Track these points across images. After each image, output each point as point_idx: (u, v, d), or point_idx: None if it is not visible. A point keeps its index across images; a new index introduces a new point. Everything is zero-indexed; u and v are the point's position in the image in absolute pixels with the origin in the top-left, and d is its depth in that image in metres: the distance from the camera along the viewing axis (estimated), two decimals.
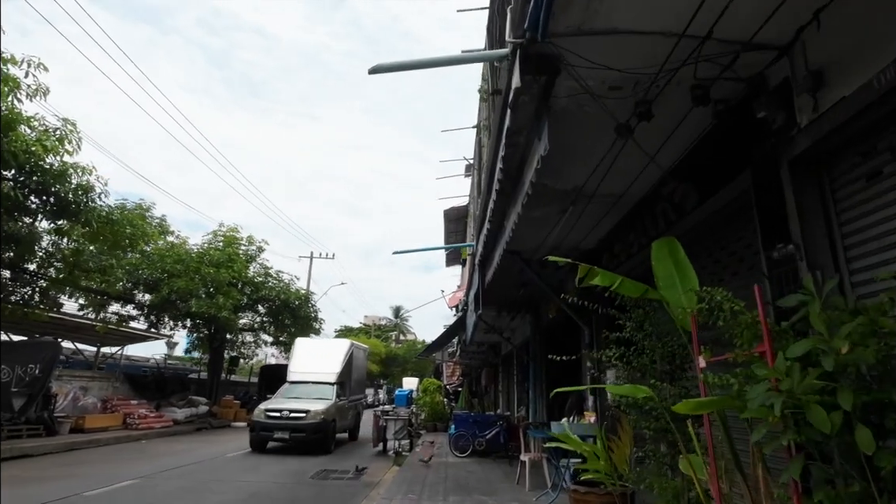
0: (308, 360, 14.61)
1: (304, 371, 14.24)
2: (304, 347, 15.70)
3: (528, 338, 11.22)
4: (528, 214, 5.27)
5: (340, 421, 13.47)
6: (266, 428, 12.04)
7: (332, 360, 14.50)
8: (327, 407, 12.46)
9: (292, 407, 12.24)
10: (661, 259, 2.83)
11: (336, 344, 16.60)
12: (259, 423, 12.17)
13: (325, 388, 13.40)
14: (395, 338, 70.39)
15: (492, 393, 21.25)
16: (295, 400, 12.76)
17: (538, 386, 10.13)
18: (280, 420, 12.08)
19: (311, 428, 11.83)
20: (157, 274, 16.77)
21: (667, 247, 2.85)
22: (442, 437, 14.58)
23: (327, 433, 12.16)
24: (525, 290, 8.76)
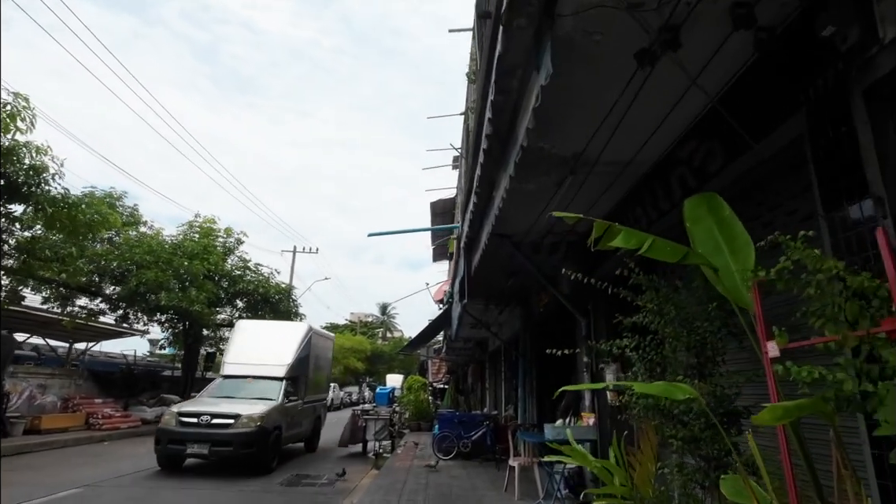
0: (250, 349, 11.32)
1: (243, 362, 10.99)
2: (246, 332, 12.23)
3: (517, 332, 10.56)
4: (520, 186, 4.59)
5: (291, 428, 10.50)
6: (177, 439, 8.70)
7: (283, 349, 11.33)
8: (268, 410, 9.32)
9: (215, 410, 9.09)
10: (699, 219, 2.15)
11: (289, 329, 12.91)
12: (167, 433, 8.80)
13: (271, 386, 10.36)
14: (382, 335, 69.67)
15: (478, 391, 20.61)
16: (224, 401, 9.76)
17: (528, 383, 9.47)
18: (197, 428, 8.79)
19: (240, 439, 8.69)
20: (126, 265, 15.81)
21: (705, 204, 2.17)
22: (426, 437, 13.89)
23: (266, 445, 9.02)
24: (515, 280, 8.09)
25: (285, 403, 10.22)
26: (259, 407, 9.36)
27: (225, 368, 11.20)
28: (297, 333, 12.25)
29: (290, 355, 11.24)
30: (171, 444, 8.69)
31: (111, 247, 16.80)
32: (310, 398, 12.14)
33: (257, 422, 8.97)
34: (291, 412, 10.61)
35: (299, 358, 11.53)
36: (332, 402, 32.80)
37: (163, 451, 8.74)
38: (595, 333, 5.85)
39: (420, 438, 13.78)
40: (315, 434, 12.55)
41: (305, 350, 11.96)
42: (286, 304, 21.65)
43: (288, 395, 10.47)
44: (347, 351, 51.24)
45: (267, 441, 9.09)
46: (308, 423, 11.95)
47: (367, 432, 11.50)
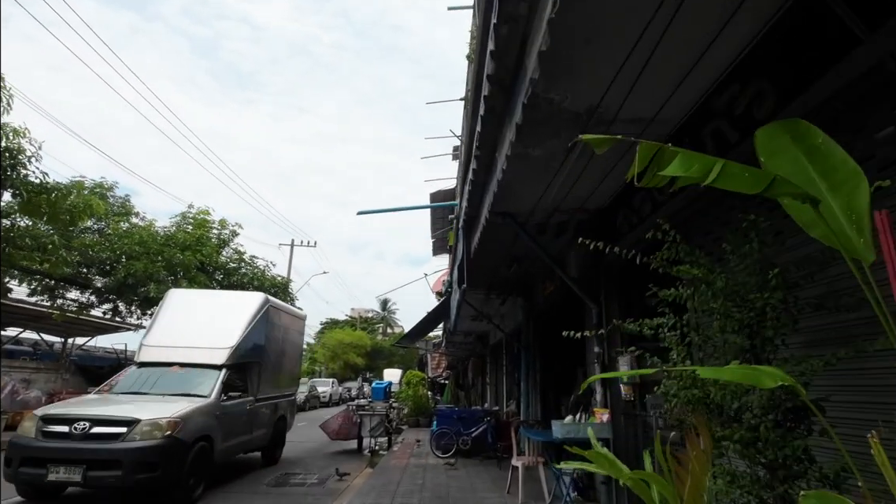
0: (181, 327, 8.41)
1: (167, 345, 8.04)
2: (177, 304, 9.01)
3: (519, 324, 10.02)
4: (525, 151, 4.03)
5: (232, 437, 7.58)
6: (34, 458, 5.81)
7: (226, 328, 8.32)
8: (188, 412, 6.45)
9: (100, 413, 6.19)
10: (779, 152, 1.58)
11: (237, 301, 9.43)
12: (21, 449, 5.92)
13: (203, 377, 7.54)
14: (382, 330, 69.36)
15: (478, 386, 20.11)
16: (128, 399, 6.98)
17: (531, 377, 8.94)
18: (67, 442, 5.88)
19: (135, 457, 5.76)
20: (114, 256, 15.28)
21: (786, 132, 1.60)
22: (425, 434, 13.38)
23: (179, 466, 6.07)
24: (518, 267, 7.54)
25: (222, 401, 7.34)
26: (175, 407, 6.44)
27: (141, 353, 8.08)
28: (246, 307, 8.96)
29: (234, 336, 8.21)
30: (26, 467, 5.78)
31: (100, 237, 16.30)
32: (268, 394, 9.17)
33: (166, 430, 6.02)
34: (233, 414, 7.65)
35: (249, 339, 8.53)
36: (330, 397, 32.44)
37: (16, 476, 5.84)
38: (606, 321, 5.30)
39: (419, 435, 13.27)
40: (277, 442, 9.63)
41: (260, 329, 8.96)
42: (282, 297, 21.09)
43: (228, 390, 7.63)
44: (347, 346, 50.93)
45: (182, 459, 6.10)
46: (264, 428, 8.96)
47: (362, 428, 10.99)
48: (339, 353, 50.12)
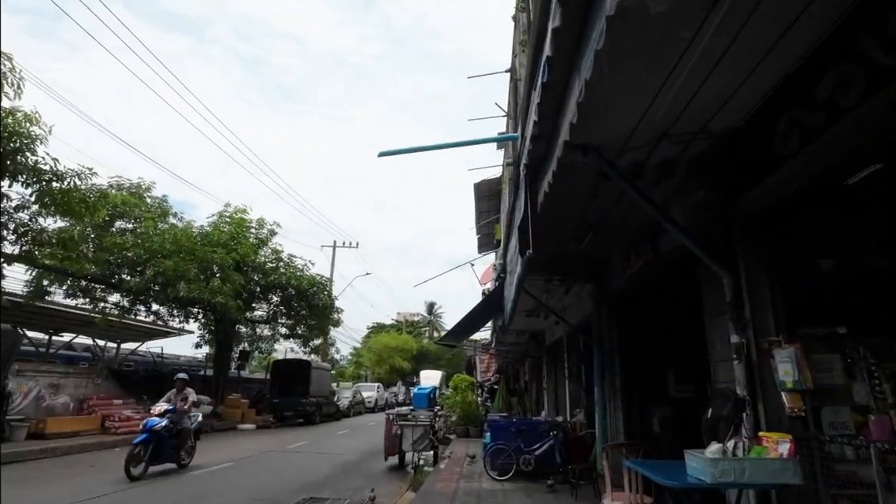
0: None
1: None
2: None
3: (587, 316, 8.26)
4: (623, 41, 2.42)
5: None
6: None
7: None
8: None
9: None
10: None
11: None
12: None
13: None
14: (429, 334, 68.50)
15: (533, 392, 18.28)
16: None
17: (608, 381, 7.17)
18: None
19: None
20: (143, 254, 14.56)
21: None
22: (476, 446, 11.76)
23: None
24: (593, 237, 5.82)
25: None
26: None
27: None
28: None
29: None
30: None
31: (133, 236, 15.71)
32: None
33: None
34: None
35: None
36: (375, 403, 31.31)
37: None
38: (751, 297, 3.54)
39: (469, 447, 11.67)
40: None
41: None
42: (321, 296, 20.07)
43: None
44: (393, 350, 50.01)
45: None
46: None
47: (403, 441, 9.50)
48: (384, 357, 49.29)
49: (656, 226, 5.18)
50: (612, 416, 7.06)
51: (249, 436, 15.30)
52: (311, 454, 11.33)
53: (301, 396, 19.79)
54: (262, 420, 18.41)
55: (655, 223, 5.20)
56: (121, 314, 17.23)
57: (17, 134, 9.20)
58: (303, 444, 13.28)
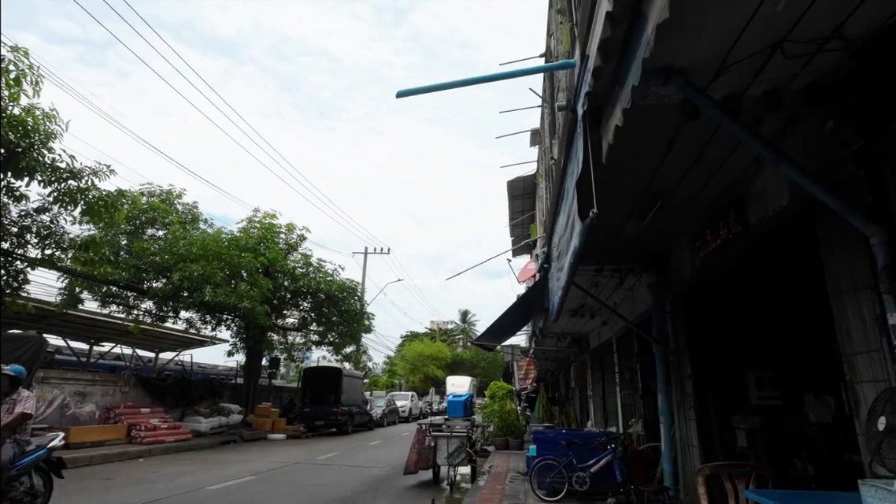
0: None
1: None
2: None
3: (645, 311, 7.23)
4: None
5: None
6: None
7: None
8: None
9: None
10: None
11: None
12: None
13: None
14: (463, 342, 67.67)
15: (575, 400, 17.07)
16: None
17: (677, 386, 6.11)
18: None
19: None
20: (170, 259, 14.24)
21: None
22: (516, 460, 10.76)
23: None
24: (660, 211, 4.82)
25: None
26: None
27: None
28: None
29: None
30: None
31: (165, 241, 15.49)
32: None
33: None
34: None
35: None
36: (409, 412, 30.48)
37: None
38: None
39: (510, 460, 10.67)
40: None
41: None
42: (352, 302, 19.47)
43: None
44: (427, 358, 49.25)
45: None
46: None
47: (437, 454, 8.61)
48: (418, 366, 48.59)
49: (745, 191, 4.19)
50: (682, 427, 5.99)
51: (278, 446, 14.71)
52: (339, 467, 10.57)
53: (332, 405, 19.17)
54: (293, 430, 17.83)
55: (743, 188, 4.21)
56: (154, 322, 17.07)
57: (35, 130, 8.90)
58: (332, 455, 12.55)
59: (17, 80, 8.90)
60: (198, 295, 13.87)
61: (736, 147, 3.72)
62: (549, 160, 14.37)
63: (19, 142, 8.87)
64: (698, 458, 5.57)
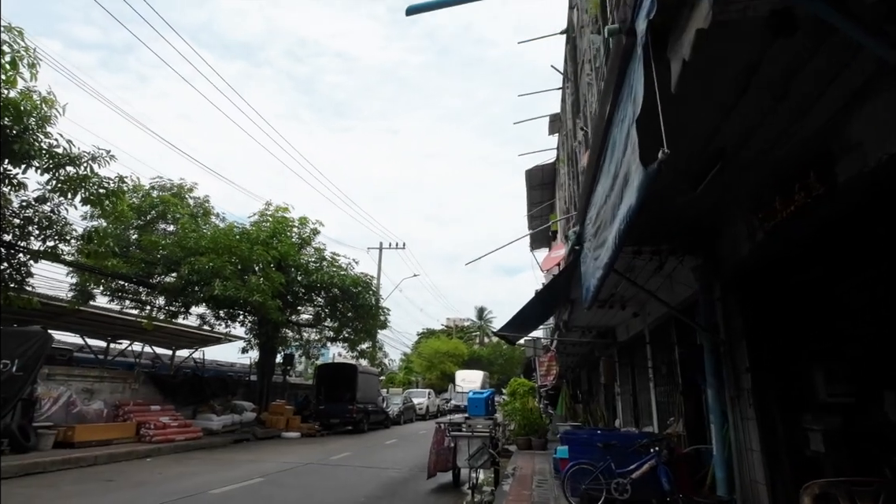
0: None
1: None
2: None
3: (689, 298, 6.49)
4: None
5: None
6: None
7: None
8: None
9: None
10: None
11: None
12: None
13: None
14: (479, 339, 67.07)
15: (600, 396, 16.29)
16: None
17: (731, 381, 5.36)
18: None
19: None
20: (179, 252, 13.82)
21: None
22: (540, 461, 10.08)
23: None
24: (717, 174, 4.09)
25: None
26: None
27: None
28: None
29: None
30: None
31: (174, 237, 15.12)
32: None
33: None
34: None
35: None
36: (427, 409, 29.92)
37: None
38: None
39: (534, 462, 9.99)
40: None
41: None
42: (365, 296, 18.93)
43: None
44: (444, 355, 48.71)
45: None
46: None
47: (458, 455, 7.98)
48: (435, 363, 48.11)
49: (831, 144, 3.45)
50: (738, 428, 5.25)
51: (292, 445, 14.23)
52: (353, 468, 10.00)
53: (348, 403, 18.68)
54: (308, 428, 17.38)
55: (829, 140, 3.47)
56: (167, 318, 16.76)
57: (28, 114, 8.48)
58: (346, 455, 12.00)
59: (13, 63, 8.50)
60: (207, 289, 13.43)
61: (831, 82, 2.99)
62: (572, 143, 13.62)
63: (13, 126, 8.46)
64: (760, 464, 4.83)
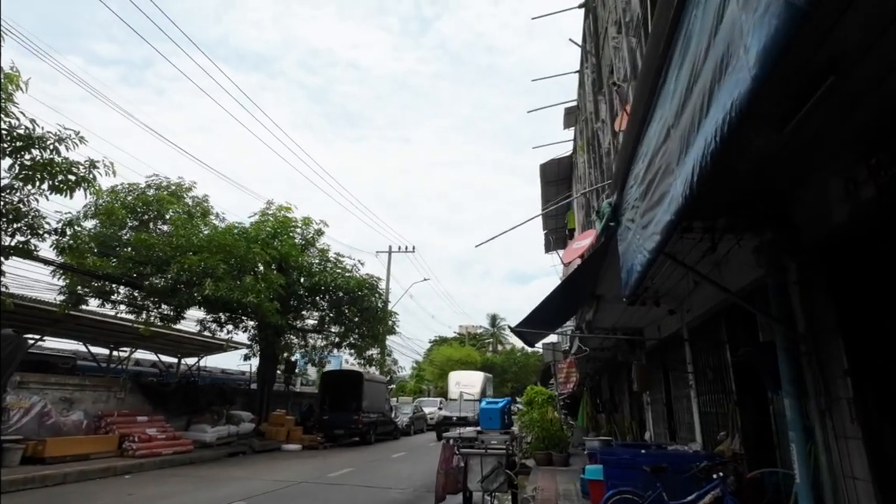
0: None
1: None
2: None
3: (748, 286, 5.33)
4: None
5: None
6: None
7: None
8: None
9: None
10: None
11: None
12: None
13: None
14: (492, 347, 65.94)
15: (624, 406, 15.01)
16: None
17: (819, 388, 4.17)
18: None
19: None
20: (169, 251, 12.90)
21: None
22: (566, 481, 8.88)
23: None
24: (808, 116, 2.97)
25: None
26: None
27: None
28: None
29: None
30: None
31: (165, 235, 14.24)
32: None
33: None
34: None
35: None
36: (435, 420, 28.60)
37: None
38: None
39: (555, 482, 8.80)
40: None
41: None
42: (370, 297, 17.89)
43: None
44: (456, 363, 47.43)
45: None
46: None
47: (469, 476, 6.83)
48: (447, 371, 46.86)
49: None
50: (832, 449, 4.05)
51: (291, 459, 13.16)
52: (352, 488, 8.89)
53: (353, 413, 17.58)
54: (310, 439, 16.30)
55: None
56: (164, 323, 15.88)
57: None
58: (347, 471, 10.88)
59: None
60: (198, 290, 12.47)
61: None
62: (593, 126, 12.51)
63: None
64: (869, 498, 3.64)
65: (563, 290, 7.30)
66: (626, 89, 7.30)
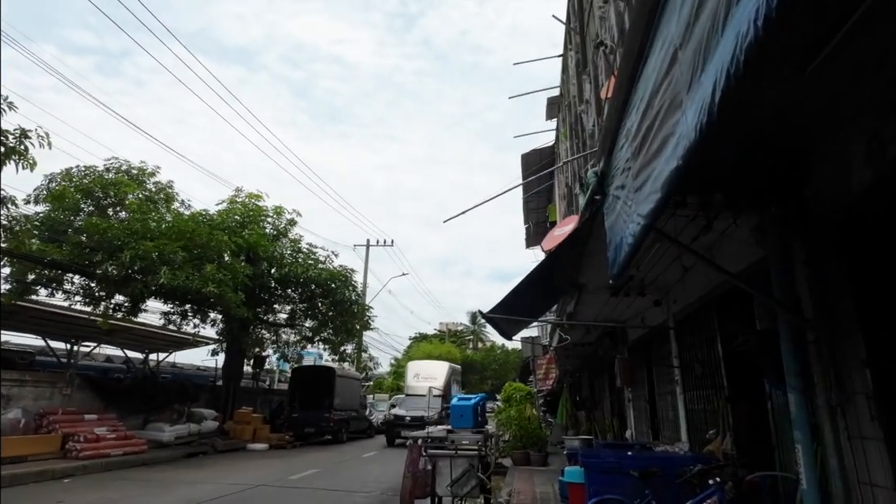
0: None
1: None
2: None
3: (745, 270, 4.83)
4: None
5: None
6: None
7: None
8: None
9: None
10: None
11: None
12: None
13: None
14: (473, 344, 65.74)
15: (604, 402, 14.59)
16: None
17: (829, 383, 3.66)
18: None
19: None
20: (123, 236, 11.98)
21: None
22: (540, 480, 8.35)
23: None
24: (832, 56, 2.43)
25: None
26: None
27: None
28: None
29: None
30: None
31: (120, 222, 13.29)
32: None
33: None
34: None
35: None
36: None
37: None
38: None
39: (532, 484, 8.26)
40: None
41: None
42: (343, 291, 17.16)
43: None
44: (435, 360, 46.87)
45: None
46: None
47: (438, 480, 6.22)
48: None
49: None
50: (845, 451, 3.54)
51: (255, 459, 12.40)
52: (313, 491, 8.22)
53: (325, 410, 16.85)
54: (278, 438, 15.52)
55: None
56: (124, 315, 14.89)
57: None
58: (312, 472, 10.20)
59: None
60: (153, 278, 11.61)
61: None
62: (576, 111, 12.01)
63: None
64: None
65: (542, 271, 6.70)
66: (614, 49, 6.79)
